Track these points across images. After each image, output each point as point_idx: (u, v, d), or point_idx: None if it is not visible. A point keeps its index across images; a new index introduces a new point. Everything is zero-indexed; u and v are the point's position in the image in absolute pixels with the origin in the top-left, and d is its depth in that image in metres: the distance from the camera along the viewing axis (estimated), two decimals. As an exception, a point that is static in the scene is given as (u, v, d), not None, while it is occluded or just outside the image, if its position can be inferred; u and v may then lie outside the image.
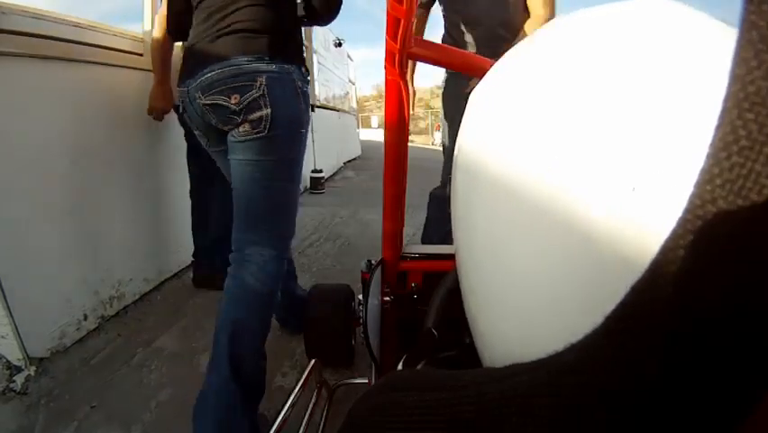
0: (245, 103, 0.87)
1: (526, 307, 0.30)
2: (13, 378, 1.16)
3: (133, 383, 1.20)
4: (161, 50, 1.25)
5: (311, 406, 0.85)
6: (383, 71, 0.67)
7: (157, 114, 1.51)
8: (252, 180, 0.92)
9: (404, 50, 0.61)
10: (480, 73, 0.79)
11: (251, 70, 0.87)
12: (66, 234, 1.36)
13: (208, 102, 0.90)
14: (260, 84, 0.87)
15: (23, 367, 1.19)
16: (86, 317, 1.41)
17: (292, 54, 0.95)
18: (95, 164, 1.47)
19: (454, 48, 1.03)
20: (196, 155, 1.58)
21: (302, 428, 0.77)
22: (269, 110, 0.88)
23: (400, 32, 0.57)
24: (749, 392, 0.12)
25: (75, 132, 1.40)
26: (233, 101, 0.87)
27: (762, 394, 0.12)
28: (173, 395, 1.14)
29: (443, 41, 1.49)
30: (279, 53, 0.90)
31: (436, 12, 1.53)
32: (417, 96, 1.68)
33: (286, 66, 0.91)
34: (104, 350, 1.35)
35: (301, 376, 0.81)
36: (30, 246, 1.24)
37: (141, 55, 1.70)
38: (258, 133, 0.89)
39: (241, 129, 0.89)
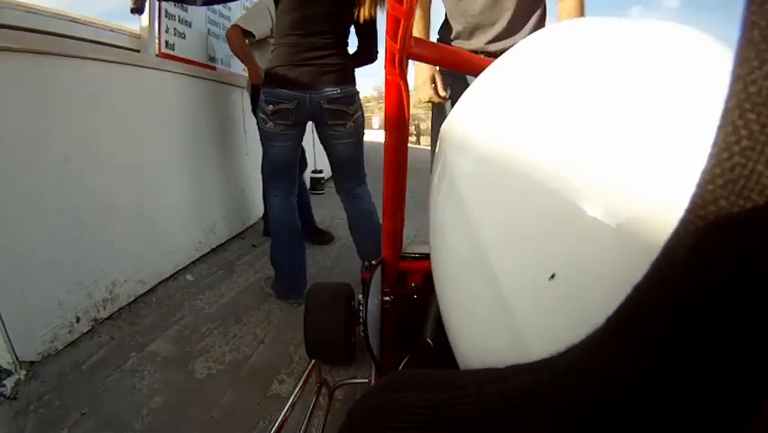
0: (354, 109, 1.55)
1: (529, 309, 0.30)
2: (3, 382, 1.14)
3: (126, 389, 1.17)
4: (246, 47, 1.96)
5: (311, 406, 0.84)
6: (383, 72, 0.67)
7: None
8: (354, 148, 1.62)
9: (404, 51, 0.61)
10: (479, 74, 0.78)
11: (354, 92, 1.55)
12: (56, 234, 1.34)
13: (332, 107, 1.50)
14: (358, 100, 1.57)
15: (13, 371, 1.16)
16: (78, 320, 1.38)
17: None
18: (88, 164, 1.44)
19: (455, 48, 1.00)
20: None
21: (302, 428, 0.77)
22: (360, 113, 1.59)
23: (400, 32, 0.57)
24: (750, 393, 0.12)
25: (71, 129, 1.38)
26: (350, 109, 1.54)
27: (762, 395, 0.12)
28: (166, 402, 1.12)
29: (440, 28, 1.46)
30: (354, 79, 1.58)
31: (436, 12, 1.49)
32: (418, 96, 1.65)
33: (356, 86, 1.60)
34: (96, 354, 1.32)
35: (299, 381, 0.81)
36: (20, 247, 1.21)
37: (138, 51, 1.68)
38: (356, 126, 1.59)
39: (348, 125, 1.55)
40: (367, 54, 1.64)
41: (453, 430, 0.19)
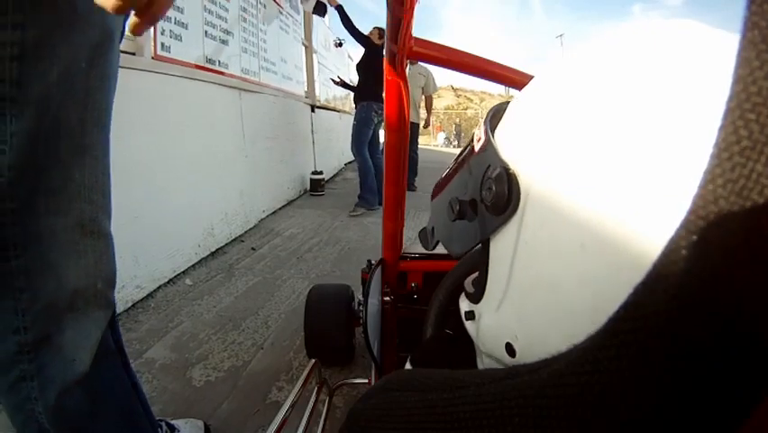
0: None
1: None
2: None
3: (122, 398, 1.15)
4: None
5: (311, 406, 0.84)
6: (382, 72, 0.68)
7: None
8: None
9: (404, 51, 0.61)
10: (479, 74, 0.77)
11: None
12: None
13: None
14: None
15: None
16: (75, 327, 1.36)
17: None
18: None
19: (454, 48, 0.99)
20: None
21: (302, 428, 0.77)
22: None
23: (400, 32, 0.57)
24: (752, 393, 0.12)
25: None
26: None
27: (762, 395, 0.12)
28: (163, 411, 1.09)
29: None
30: None
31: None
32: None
33: None
34: (93, 361, 1.30)
35: (299, 381, 0.81)
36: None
37: (133, 54, 1.67)
38: None
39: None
40: None
41: (453, 430, 0.19)
